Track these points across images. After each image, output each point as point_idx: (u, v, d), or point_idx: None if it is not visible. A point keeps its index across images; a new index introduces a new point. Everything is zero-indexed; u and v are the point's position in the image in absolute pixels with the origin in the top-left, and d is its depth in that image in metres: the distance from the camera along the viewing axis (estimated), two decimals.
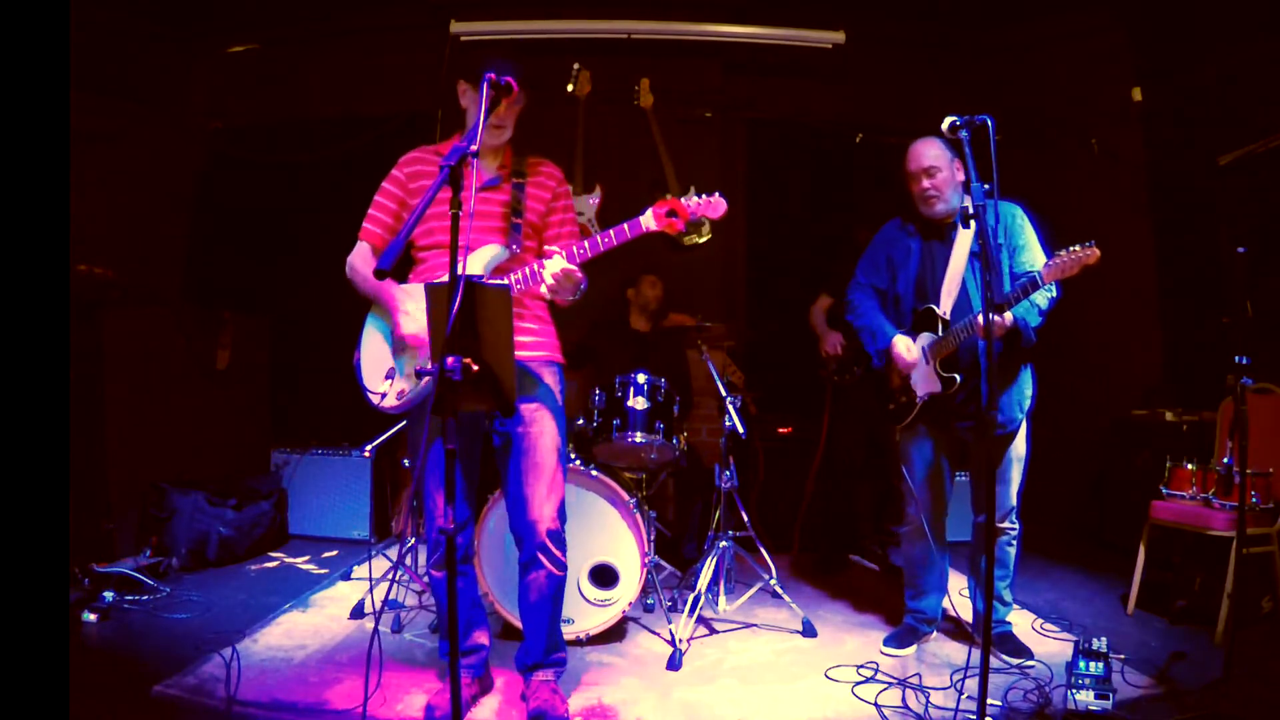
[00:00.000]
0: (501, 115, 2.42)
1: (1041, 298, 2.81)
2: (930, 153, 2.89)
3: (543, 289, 2.36)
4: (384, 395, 2.50)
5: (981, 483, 3.01)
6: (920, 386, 2.96)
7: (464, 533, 2.56)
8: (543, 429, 2.49)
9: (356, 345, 2.62)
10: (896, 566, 4.07)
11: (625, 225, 2.38)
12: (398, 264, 2.55)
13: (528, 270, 2.40)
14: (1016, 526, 3.05)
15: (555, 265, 2.33)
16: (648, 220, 2.40)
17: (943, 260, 2.96)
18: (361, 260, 2.58)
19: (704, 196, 2.46)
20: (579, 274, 2.37)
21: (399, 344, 2.51)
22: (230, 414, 4.76)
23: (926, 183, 2.90)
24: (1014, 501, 3.01)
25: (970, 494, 3.16)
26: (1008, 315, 2.72)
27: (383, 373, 2.52)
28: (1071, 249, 2.54)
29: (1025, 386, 2.97)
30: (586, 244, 2.38)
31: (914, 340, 2.96)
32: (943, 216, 2.95)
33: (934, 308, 2.93)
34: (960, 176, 2.93)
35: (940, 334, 2.89)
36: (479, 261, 2.43)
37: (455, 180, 1.87)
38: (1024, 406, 2.97)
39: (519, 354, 2.46)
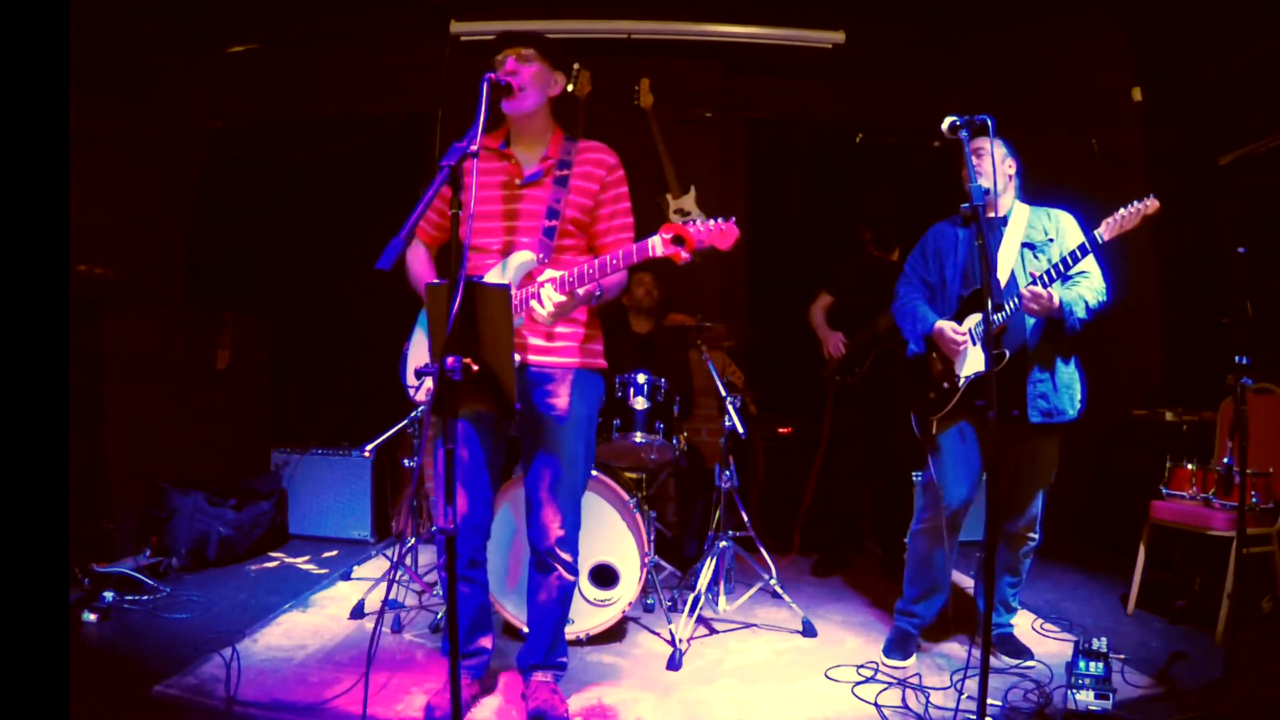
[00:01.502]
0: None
1: (1091, 295, 2.81)
2: (984, 140, 2.89)
3: (537, 315, 2.30)
4: (416, 389, 2.56)
5: (1020, 479, 2.99)
6: (966, 368, 2.92)
7: (478, 536, 2.53)
8: (562, 436, 2.47)
9: (408, 337, 2.68)
10: (897, 564, 4.06)
11: (633, 248, 2.29)
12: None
13: (530, 289, 2.34)
14: (1037, 537, 3.04)
15: (547, 300, 2.27)
16: (655, 245, 2.25)
17: (992, 247, 2.96)
18: (415, 259, 2.57)
19: (717, 221, 2.27)
20: (570, 303, 2.30)
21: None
22: (230, 414, 4.76)
23: (974, 161, 2.89)
24: (1040, 508, 3.00)
25: (984, 493, 3.13)
26: (1055, 296, 2.71)
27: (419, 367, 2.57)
28: (1131, 203, 2.57)
29: (1076, 384, 2.94)
30: (596, 263, 2.29)
31: (959, 325, 2.95)
32: (986, 206, 2.95)
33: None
34: (1011, 172, 2.98)
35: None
36: (509, 270, 2.38)
37: (455, 180, 1.87)
38: (1074, 404, 2.93)
39: (543, 359, 2.45)
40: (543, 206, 2.43)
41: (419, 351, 2.64)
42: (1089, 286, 2.82)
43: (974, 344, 2.91)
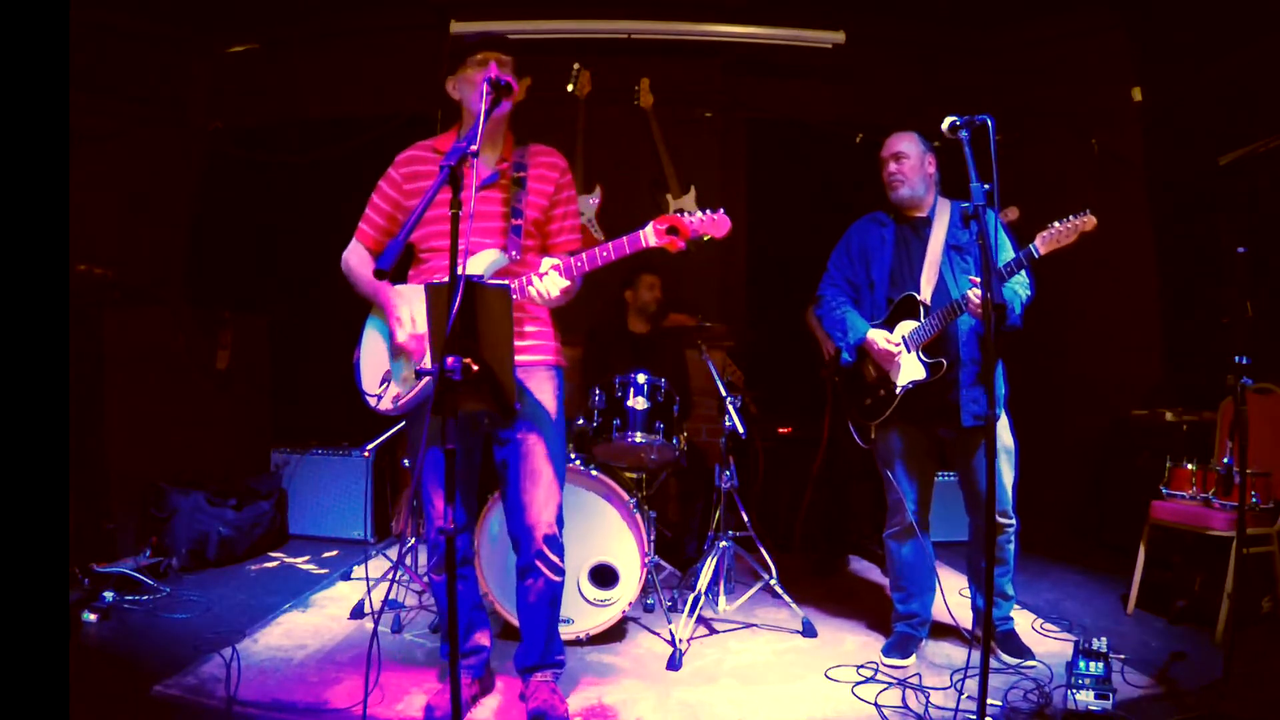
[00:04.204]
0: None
1: (1023, 290, 2.86)
2: (903, 141, 3.00)
3: (533, 295, 2.33)
4: (379, 398, 2.50)
5: (972, 482, 3.01)
6: (902, 376, 2.94)
7: (463, 535, 2.56)
8: (540, 434, 2.48)
9: (357, 343, 2.60)
10: None
11: (625, 239, 2.33)
12: (399, 263, 2.56)
13: (523, 280, 2.35)
14: (1014, 522, 3.05)
15: (554, 285, 2.29)
16: (648, 235, 2.34)
17: (918, 249, 2.99)
18: (357, 260, 2.58)
19: (707, 212, 2.38)
20: (574, 287, 2.36)
21: (396, 349, 2.50)
22: (230, 414, 4.76)
23: (893, 166, 3.00)
24: (1007, 496, 3.02)
25: (962, 494, 3.15)
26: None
27: (379, 375, 2.51)
28: (1067, 218, 2.58)
29: (1001, 385, 2.98)
30: (584, 257, 2.34)
31: (891, 331, 2.96)
32: (908, 204, 3.02)
33: (914, 295, 2.94)
34: (931, 170, 3.02)
35: (922, 320, 2.89)
36: (477, 268, 2.39)
37: (455, 181, 1.87)
38: (1001, 403, 2.97)
39: (519, 358, 2.46)
40: (506, 207, 2.47)
41: (375, 359, 2.55)
42: (1019, 282, 2.86)
43: (908, 351, 2.92)
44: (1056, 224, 2.59)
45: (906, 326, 2.94)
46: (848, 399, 3.19)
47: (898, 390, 2.94)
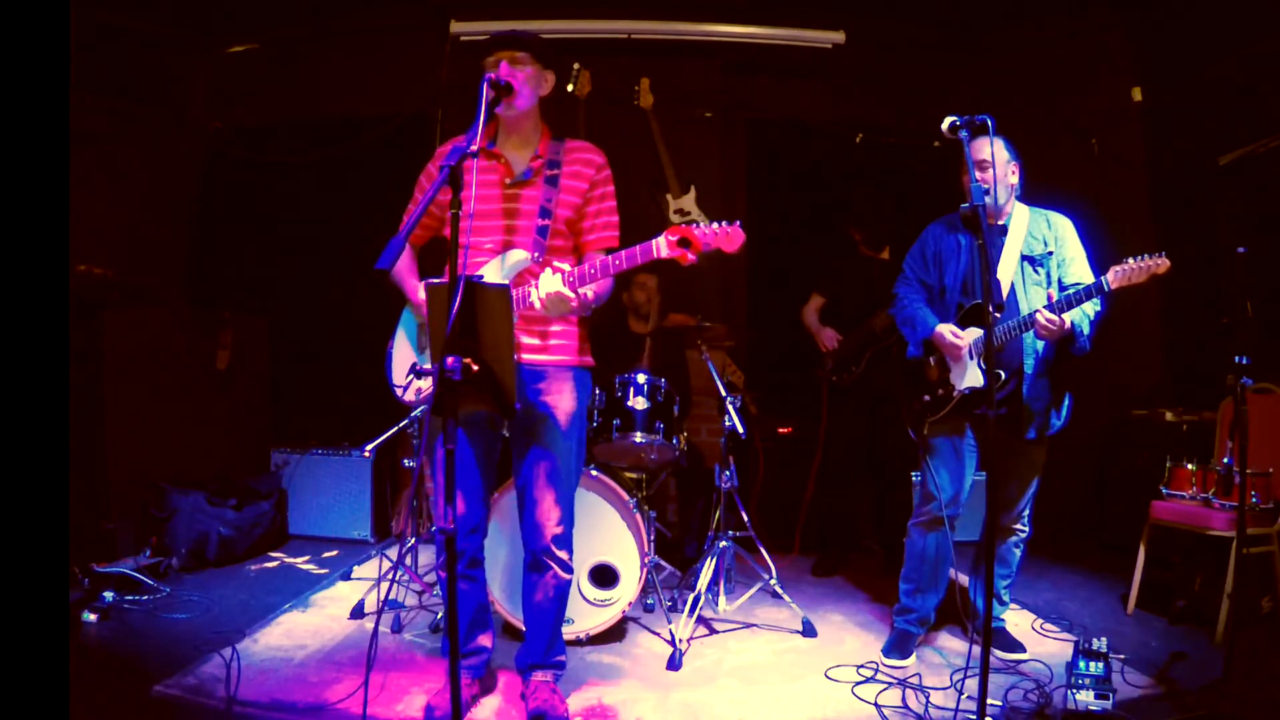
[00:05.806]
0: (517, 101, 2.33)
1: (1091, 308, 2.82)
2: (988, 148, 2.83)
3: (535, 303, 2.30)
4: (404, 389, 2.56)
5: (1007, 486, 3.01)
6: (961, 381, 2.93)
7: (476, 536, 2.54)
8: (556, 434, 2.47)
9: (391, 335, 2.67)
10: (897, 564, 4.06)
11: (637, 249, 2.29)
12: (430, 256, 2.55)
13: (525, 288, 2.34)
14: (1027, 530, 3.08)
15: (546, 287, 2.24)
16: (660, 246, 2.27)
17: (993, 260, 2.95)
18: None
19: (722, 225, 2.29)
20: (571, 298, 2.25)
21: (423, 340, 2.52)
22: (230, 414, 4.76)
23: (977, 174, 2.85)
24: (1028, 504, 3.04)
25: (985, 493, 3.16)
26: (1066, 318, 2.70)
27: (407, 367, 2.57)
28: (1141, 257, 2.57)
29: (1065, 401, 2.99)
30: (598, 265, 2.30)
31: (961, 330, 2.94)
32: (987, 212, 2.95)
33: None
34: (1014, 181, 2.95)
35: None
36: (503, 268, 2.38)
37: (455, 180, 1.87)
38: (1061, 418, 2.99)
39: (537, 358, 2.46)
40: (535, 206, 2.44)
41: (404, 351, 2.63)
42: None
43: (971, 358, 2.92)
44: (1131, 260, 2.58)
45: (973, 334, 2.92)
46: (904, 394, 3.17)
47: (955, 393, 2.94)
